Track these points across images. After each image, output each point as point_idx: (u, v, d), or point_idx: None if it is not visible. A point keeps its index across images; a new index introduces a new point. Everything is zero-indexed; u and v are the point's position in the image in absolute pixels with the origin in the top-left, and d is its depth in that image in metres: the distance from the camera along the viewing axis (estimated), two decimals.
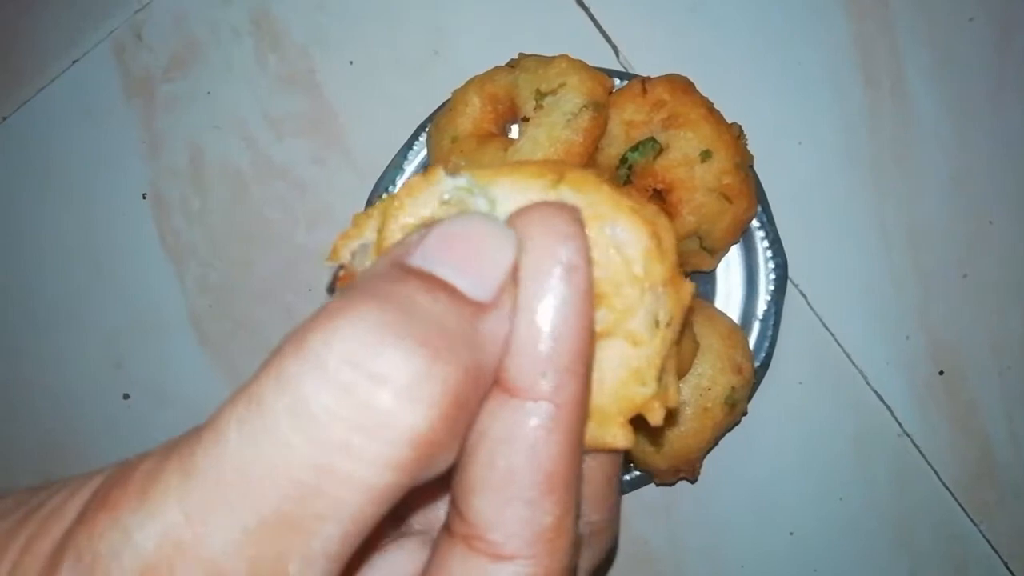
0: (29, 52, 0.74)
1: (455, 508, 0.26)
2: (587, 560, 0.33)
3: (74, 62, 0.74)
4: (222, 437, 0.22)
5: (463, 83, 0.64)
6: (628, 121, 0.62)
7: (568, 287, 0.25)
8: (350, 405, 0.22)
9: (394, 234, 0.29)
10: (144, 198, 0.73)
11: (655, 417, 0.29)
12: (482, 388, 0.25)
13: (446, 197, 0.29)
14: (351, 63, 0.73)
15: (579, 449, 0.27)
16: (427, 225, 0.28)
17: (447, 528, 0.27)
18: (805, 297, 0.71)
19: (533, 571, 0.26)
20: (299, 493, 0.22)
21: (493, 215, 0.28)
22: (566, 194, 0.28)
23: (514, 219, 0.26)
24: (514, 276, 0.26)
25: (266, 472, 0.22)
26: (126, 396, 0.74)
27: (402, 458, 0.22)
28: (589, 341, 0.26)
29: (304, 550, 0.22)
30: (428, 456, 0.23)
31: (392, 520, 0.33)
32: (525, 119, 0.59)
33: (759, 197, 0.66)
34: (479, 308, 0.25)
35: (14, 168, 0.74)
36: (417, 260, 0.25)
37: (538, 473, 0.25)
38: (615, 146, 0.62)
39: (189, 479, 0.22)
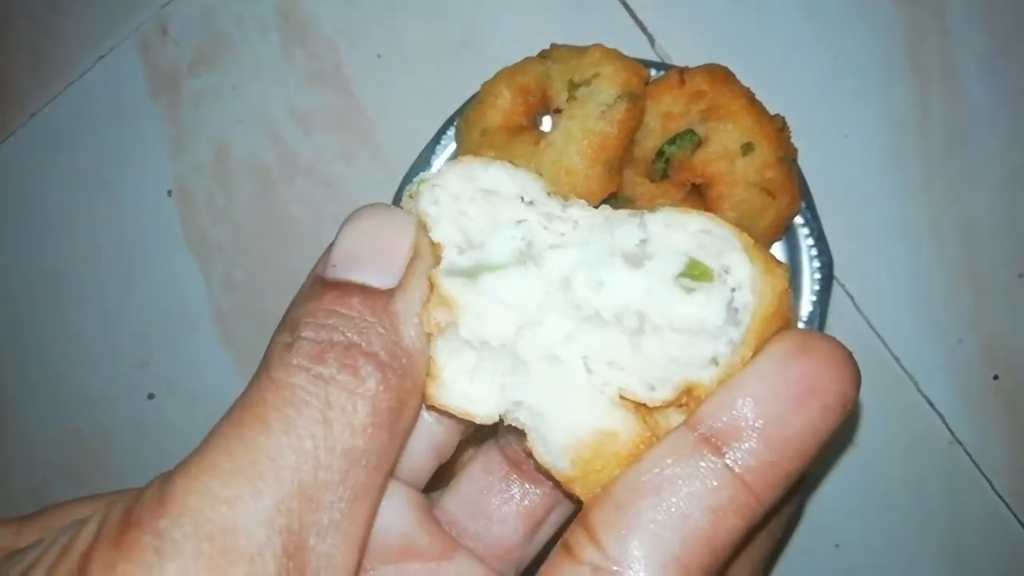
0: (56, 48, 0.73)
1: (592, 534, 0.27)
2: None
3: (101, 58, 0.73)
4: (234, 440, 0.27)
5: (493, 75, 0.62)
6: (665, 113, 0.59)
7: (834, 420, 0.27)
8: (321, 398, 0.27)
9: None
10: (169, 195, 0.72)
11: None
12: (407, 355, 0.29)
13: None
14: (379, 56, 0.71)
15: (740, 544, 0.27)
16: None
17: (570, 550, 0.27)
18: (852, 298, 0.67)
19: None
20: (306, 465, 0.26)
21: (385, 204, 0.32)
22: None
23: (819, 340, 0.28)
24: (418, 252, 0.30)
25: (280, 454, 0.26)
26: (151, 396, 0.73)
27: (361, 426, 0.27)
28: (805, 467, 0.28)
29: (318, 521, 0.26)
30: (385, 423, 0.28)
31: None
32: (558, 111, 0.57)
33: (803, 192, 0.63)
34: (390, 294, 0.29)
35: (41, 163, 0.74)
36: (330, 272, 0.30)
37: (706, 546, 0.26)
38: (651, 139, 0.59)
39: (216, 476, 0.26)
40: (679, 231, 0.29)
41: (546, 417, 0.30)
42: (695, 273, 0.29)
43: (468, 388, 0.31)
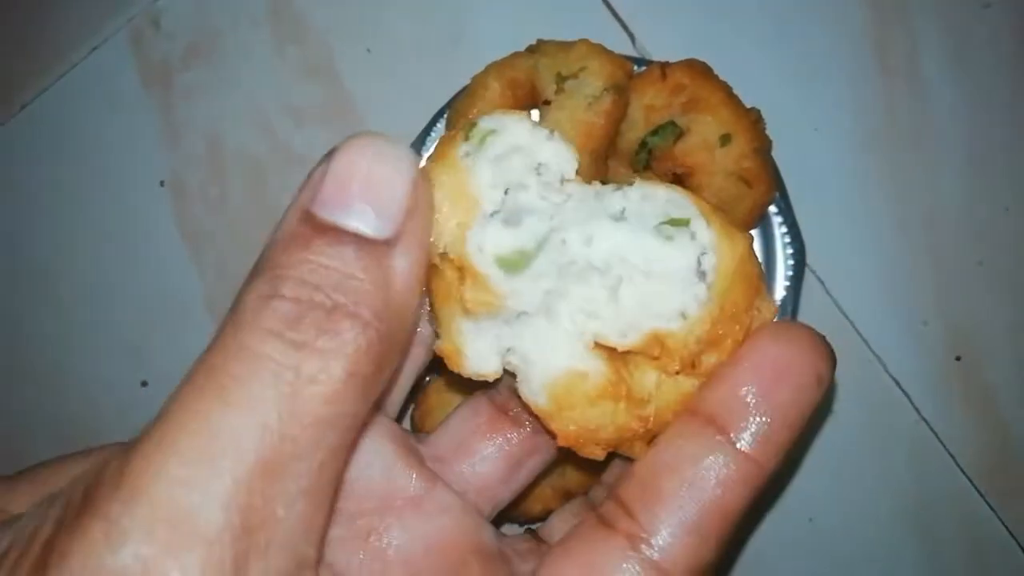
0: (48, 40, 0.74)
1: (621, 504, 0.30)
2: None
3: (92, 50, 0.74)
4: (193, 415, 0.25)
5: (482, 69, 0.64)
6: (648, 105, 0.62)
7: (813, 394, 0.31)
8: (291, 368, 0.25)
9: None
10: (162, 186, 0.74)
11: (637, 452, 0.33)
12: (396, 317, 0.28)
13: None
14: (369, 51, 0.73)
15: (747, 511, 0.31)
16: None
17: (606, 522, 0.31)
18: (823, 283, 0.71)
19: None
20: (270, 440, 0.25)
21: (386, 137, 0.30)
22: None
23: (791, 327, 0.32)
24: (416, 199, 0.28)
25: (241, 431, 0.25)
26: (144, 383, 0.74)
27: (333, 393, 0.26)
28: (795, 435, 0.31)
29: (284, 492, 0.25)
30: (360, 387, 0.26)
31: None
32: (546, 102, 0.59)
33: (777, 183, 0.66)
34: (386, 245, 0.27)
35: (31, 156, 0.74)
36: (321, 211, 0.27)
37: (720, 512, 0.30)
38: (635, 130, 0.62)
39: (173, 455, 0.25)
40: (651, 200, 0.33)
41: (531, 360, 0.33)
42: (674, 222, 0.33)
43: (478, 348, 0.34)
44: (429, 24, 0.73)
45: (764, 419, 0.30)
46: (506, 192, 0.33)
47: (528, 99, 0.63)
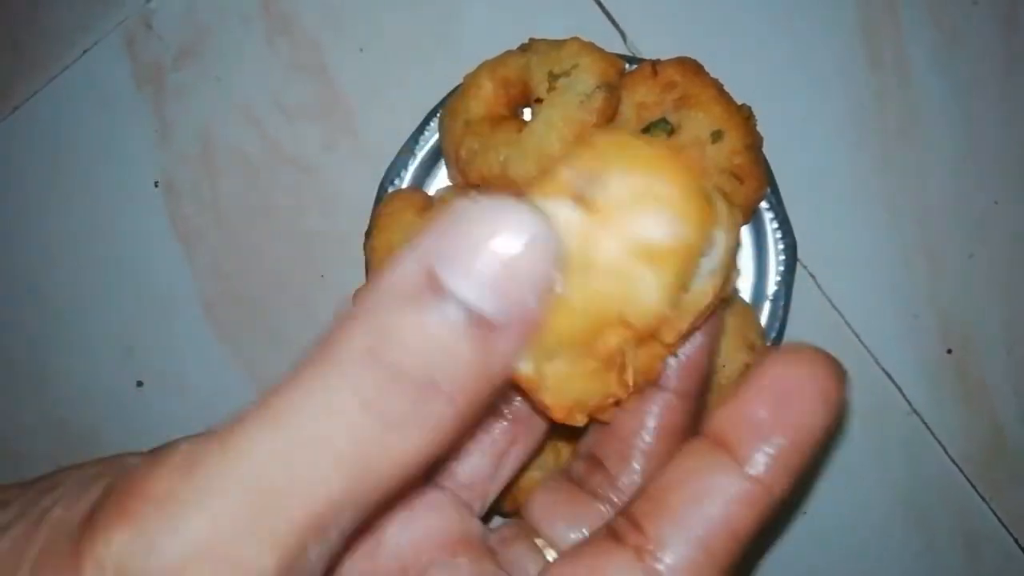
0: (39, 42, 0.74)
1: (631, 520, 0.31)
2: None
3: (84, 52, 0.74)
4: (245, 446, 0.24)
5: (474, 68, 0.65)
6: (639, 103, 0.62)
7: (821, 416, 0.30)
8: (357, 436, 0.24)
9: None
10: (156, 186, 0.74)
11: (608, 417, 0.33)
12: (483, 397, 0.26)
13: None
14: (361, 50, 0.73)
15: (756, 533, 0.31)
16: None
17: (613, 534, 0.31)
18: (814, 278, 0.71)
19: None
20: (323, 495, 0.23)
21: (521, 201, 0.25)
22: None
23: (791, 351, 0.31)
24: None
25: (294, 479, 0.23)
26: (139, 384, 0.74)
27: (401, 458, 0.25)
28: (804, 457, 0.31)
29: (321, 538, 0.24)
30: (421, 461, 0.25)
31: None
32: (538, 100, 0.60)
33: (768, 178, 0.67)
34: (493, 328, 0.24)
35: (24, 158, 0.74)
36: (441, 270, 0.24)
37: (728, 532, 0.30)
38: (627, 128, 0.62)
39: (213, 489, 0.23)
40: None
41: None
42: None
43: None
44: (421, 23, 0.73)
45: (770, 442, 0.30)
46: None
47: (520, 97, 0.63)
